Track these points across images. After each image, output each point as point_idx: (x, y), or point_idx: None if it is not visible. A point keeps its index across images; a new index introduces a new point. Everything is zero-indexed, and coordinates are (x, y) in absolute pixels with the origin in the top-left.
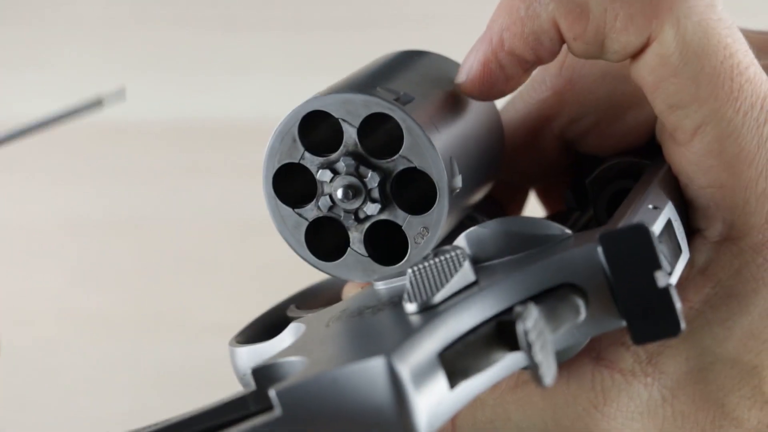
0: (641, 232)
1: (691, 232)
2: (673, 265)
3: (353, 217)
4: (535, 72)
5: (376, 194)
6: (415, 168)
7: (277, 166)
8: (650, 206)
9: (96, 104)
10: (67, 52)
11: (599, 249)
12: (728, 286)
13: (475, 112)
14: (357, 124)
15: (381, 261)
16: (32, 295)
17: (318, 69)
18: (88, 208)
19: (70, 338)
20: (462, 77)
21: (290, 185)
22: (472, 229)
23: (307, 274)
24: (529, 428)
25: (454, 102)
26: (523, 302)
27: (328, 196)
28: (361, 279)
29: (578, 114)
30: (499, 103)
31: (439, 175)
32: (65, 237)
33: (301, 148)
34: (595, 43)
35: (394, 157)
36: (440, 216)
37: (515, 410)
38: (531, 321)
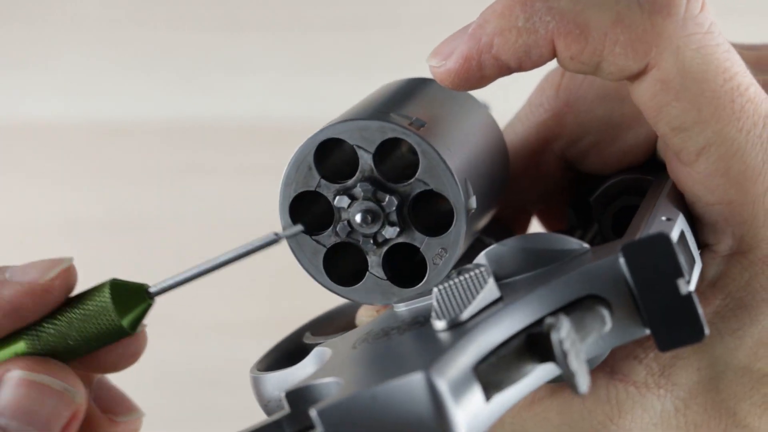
0: (663, 240)
1: (700, 247)
2: (690, 274)
3: (371, 241)
4: (532, 95)
5: (394, 218)
6: (431, 190)
7: (293, 195)
8: (663, 218)
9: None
10: (67, 52)
11: (621, 260)
12: (738, 297)
13: (483, 136)
14: (372, 150)
15: (400, 284)
16: None
17: (318, 69)
18: (88, 208)
19: None
20: (436, 61)
21: (306, 213)
22: (491, 247)
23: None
24: None
25: (463, 127)
26: (553, 313)
27: (346, 222)
28: (381, 302)
29: (578, 135)
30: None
31: (455, 196)
32: (65, 237)
33: (317, 176)
34: (590, 63)
35: (410, 181)
36: (458, 236)
37: (532, 426)
38: (564, 331)
